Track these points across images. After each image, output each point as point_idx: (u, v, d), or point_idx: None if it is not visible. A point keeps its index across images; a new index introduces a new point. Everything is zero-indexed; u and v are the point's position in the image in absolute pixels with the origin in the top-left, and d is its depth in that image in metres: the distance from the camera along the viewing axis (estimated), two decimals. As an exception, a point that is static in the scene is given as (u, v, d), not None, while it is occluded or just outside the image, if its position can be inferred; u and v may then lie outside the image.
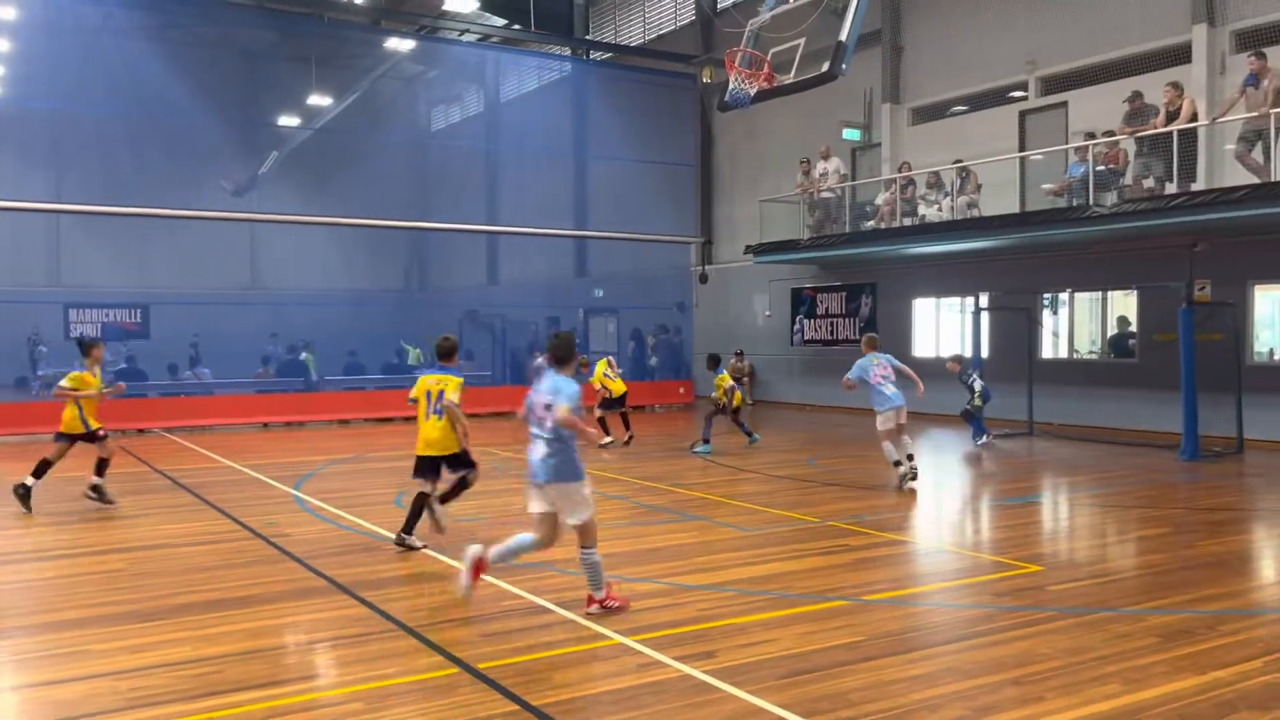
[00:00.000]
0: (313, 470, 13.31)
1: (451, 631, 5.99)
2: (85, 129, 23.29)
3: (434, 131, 32.17)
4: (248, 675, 5.32)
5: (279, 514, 10.09)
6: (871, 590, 7.04)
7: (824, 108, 21.59)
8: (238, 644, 5.85)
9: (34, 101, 22.37)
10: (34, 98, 22.38)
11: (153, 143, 23.48)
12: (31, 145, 24.10)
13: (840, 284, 22.95)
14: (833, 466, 13.66)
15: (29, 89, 22.64)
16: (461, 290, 30.73)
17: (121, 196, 21.47)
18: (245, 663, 5.55)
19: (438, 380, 8.36)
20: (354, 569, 7.63)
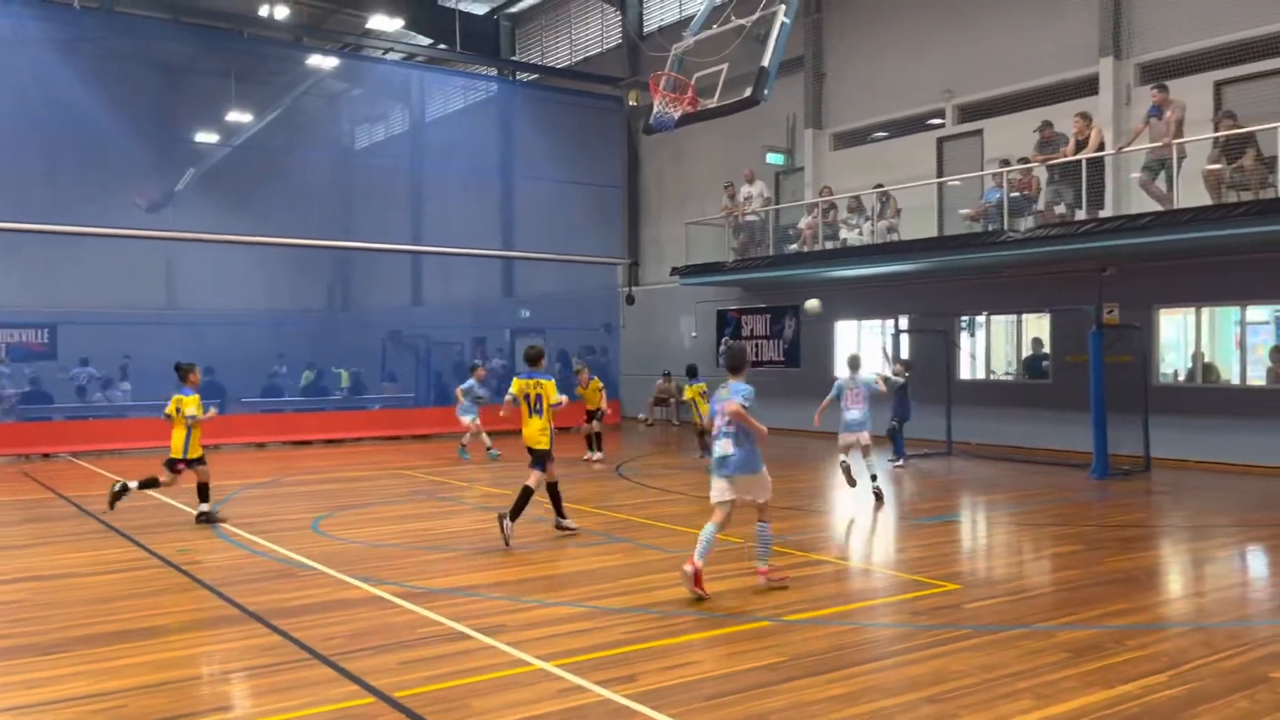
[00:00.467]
0: (228, 495, 12.96)
1: (368, 659, 5.86)
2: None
3: (358, 150, 31.73)
4: (152, 709, 5.12)
5: (191, 540, 9.79)
6: (793, 610, 7.07)
7: (748, 132, 21.88)
8: (143, 676, 5.63)
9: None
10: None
11: (63, 158, 22.74)
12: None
13: (765, 306, 23.20)
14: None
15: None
16: (385, 311, 30.28)
17: (29, 213, 20.72)
18: (150, 696, 5.34)
19: (534, 384, 9.59)
20: (268, 596, 7.43)
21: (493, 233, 27.07)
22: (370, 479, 14.87)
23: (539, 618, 6.82)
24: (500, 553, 9.18)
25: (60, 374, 21.22)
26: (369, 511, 11.76)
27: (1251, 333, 15.82)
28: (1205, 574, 8.77)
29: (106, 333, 22.11)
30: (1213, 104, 15.43)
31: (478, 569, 8.44)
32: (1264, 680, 5.43)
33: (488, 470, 16.02)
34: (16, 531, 10.71)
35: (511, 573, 8.29)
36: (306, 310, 29.45)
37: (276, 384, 22.58)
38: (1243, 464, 14.91)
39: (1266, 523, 10.86)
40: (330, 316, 31.35)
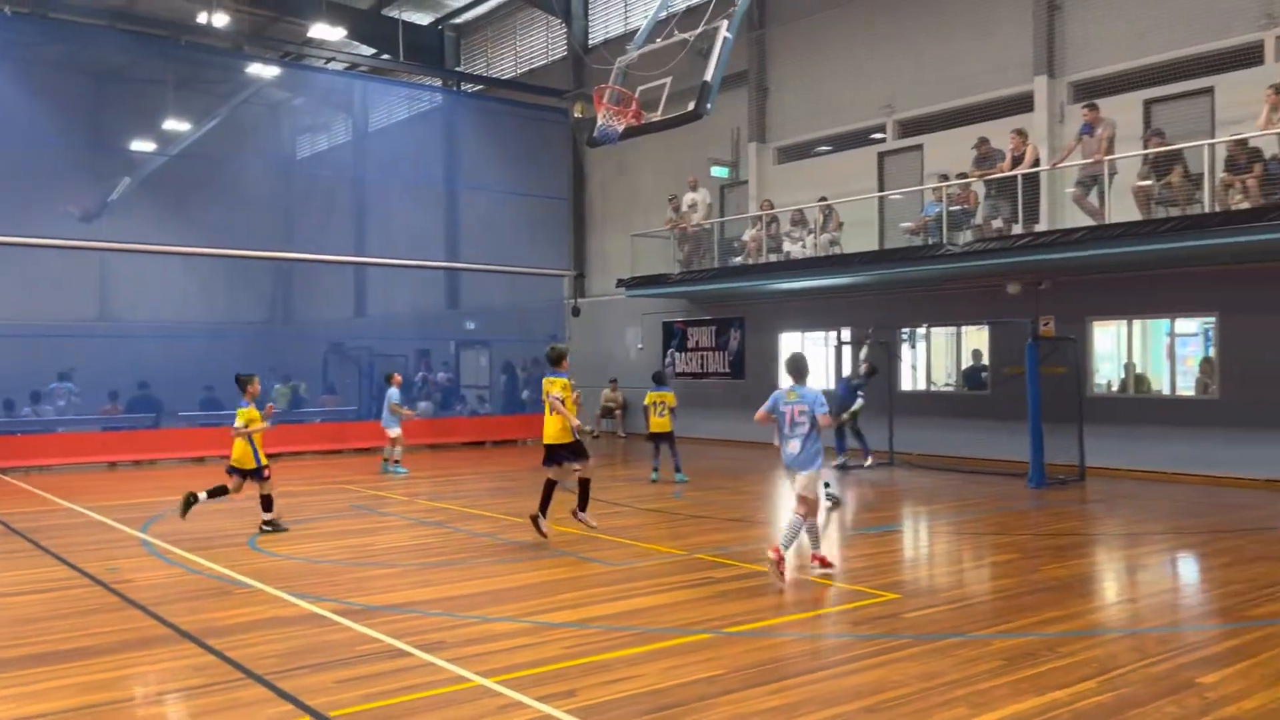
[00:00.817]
0: (162, 511, 12.68)
1: (304, 678, 5.76)
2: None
3: (299, 160, 31.39)
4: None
5: (123, 558, 9.56)
6: (734, 622, 7.09)
7: (693, 145, 22.02)
8: (70, 699, 5.48)
9: None
10: None
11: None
12: None
13: (710, 318, 23.32)
14: (701, 499, 13.79)
15: None
16: (327, 323, 29.91)
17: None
18: (77, 719, 5.21)
19: (549, 382, 10.43)
20: (201, 615, 7.27)
21: (437, 244, 26.87)
22: (310, 494, 14.65)
23: (479, 634, 6.76)
24: (440, 569, 9.10)
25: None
26: (308, 527, 11.58)
27: (1181, 344, 16.26)
28: (1137, 581, 8.97)
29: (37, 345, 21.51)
30: (1142, 122, 15.87)
31: (418, 585, 8.35)
32: (1190, 686, 5.57)
33: (431, 483, 15.86)
34: (-61, 551, 10.36)
35: (452, 588, 8.21)
36: (246, 322, 28.96)
37: (215, 397, 22.14)
38: (1174, 472, 15.30)
39: (1196, 530, 11.14)
40: (270, 329, 30.86)
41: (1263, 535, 10.66)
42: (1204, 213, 13.73)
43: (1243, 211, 13.19)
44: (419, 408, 24.32)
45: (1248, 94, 14.21)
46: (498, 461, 19.30)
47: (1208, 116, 15.20)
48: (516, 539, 10.57)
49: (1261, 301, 14.62)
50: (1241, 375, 14.86)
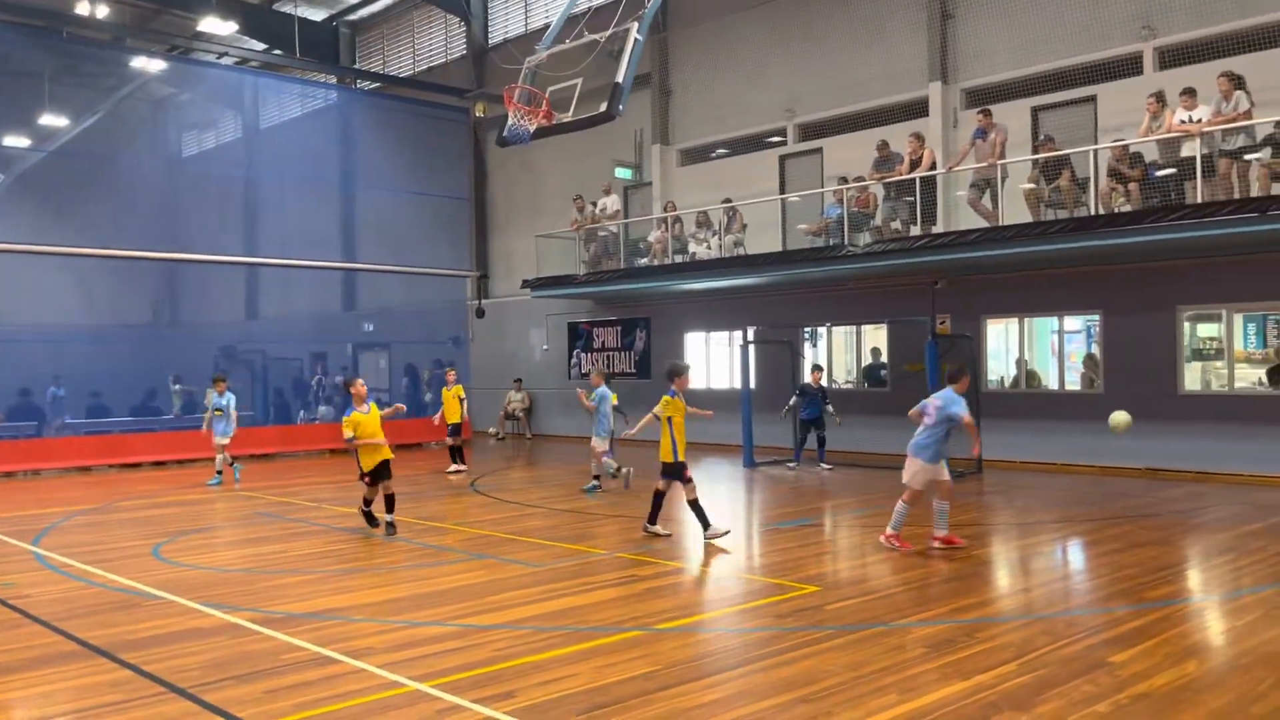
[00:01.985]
0: (52, 523, 12.12)
1: (230, 690, 5.59)
2: None
3: (187, 157, 30.25)
4: (-8, 757, 4.76)
5: (16, 573, 9.10)
6: (663, 619, 7.16)
7: (598, 146, 22.06)
8: (-23, 723, 5.22)
9: None
10: None
11: None
12: None
13: (616, 318, 23.40)
14: (613, 499, 13.83)
15: None
16: (218, 325, 28.91)
17: None
18: (-12, 743, 4.96)
19: (663, 402, 10.49)
20: (111, 629, 6.99)
21: (334, 244, 26.30)
22: (209, 501, 14.19)
23: (407, 638, 6.67)
24: (359, 574, 8.94)
25: None
26: (213, 535, 11.23)
27: (1067, 340, 17.02)
28: (1039, 568, 9.37)
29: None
30: (1030, 128, 16.56)
31: (337, 591, 8.18)
32: (1103, 665, 5.86)
33: (336, 488, 15.52)
34: None
35: (373, 594, 8.07)
36: (130, 325, 27.80)
37: (102, 404, 21.24)
38: (1064, 463, 16.01)
39: (1088, 518, 11.69)
40: (157, 331, 29.67)
41: (1148, 521, 11.26)
42: (1090, 215, 14.41)
43: (1125, 214, 13.89)
44: (319, 412, 23.78)
45: (1129, 102, 14.97)
46: (403, 465, 18.95)
47: (1091, 123, 15.96)
48: (432, 543, 10.45)
49: (1140, 300, 15.42)
50: (1123, 370, 15.64)
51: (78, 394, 20.71)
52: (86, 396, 20.95)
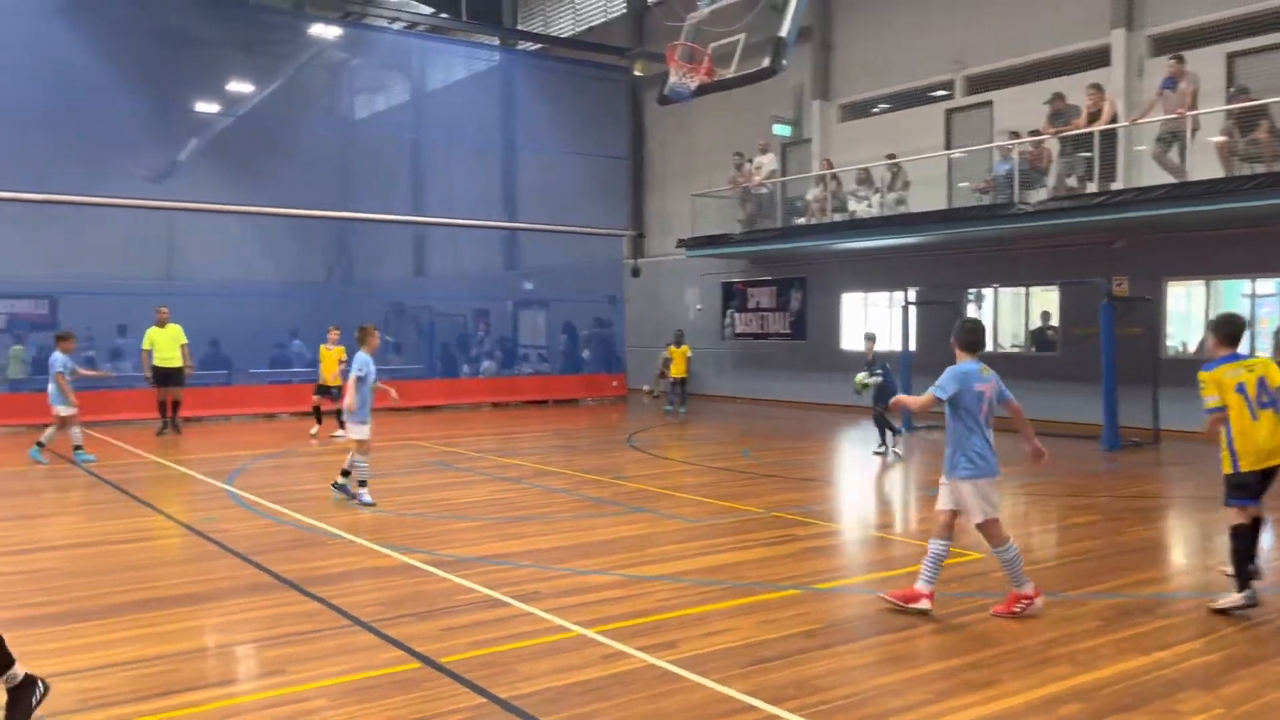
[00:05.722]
0: (243, 465, 13.00)
1: (410, 626, 5.91)
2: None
3: (359, 120, 31.52)
4: (203, 674, 5.20)
5: (213, 509, 9.84)
6: (822, 578, 7.15)
7: (755, 103, 21.78)
8: (189, 642, 5.71)
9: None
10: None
11: (66, 128, 22.55)
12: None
13: (771, 278, 23.21)
14: (769, 458, 13.81)
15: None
16: (387, 282, 30.20)
17: (31, 182, 20.60)
18: (199, 661, 5.42)
19: (1248, 367, 6.28)
20: (300, 564, 7.48)
21: (496, 204, 26.99)
22: (381, 450, 14.91)
23: (572, 585, 6.88)
24: (524, 523, 9.25)
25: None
26: (386, 481, 11.79)
27: (1258, 305, 15.88)
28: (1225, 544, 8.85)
29: (107, 303, 21.98)
30: (1225, 76, 15.41)
31: (504, 538, 8.49)
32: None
33: (499, 440, 16.05)
34: (37, 500, 10.74)
35: (538, 542, 8.34)
36: (308, 282, 29.36)
37: (285, 355, 22.57)
38: (1250, 436, 15.01)
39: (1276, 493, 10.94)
40: (332, 288, 31.24)
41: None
42: (1290, 170, 13.35)
43: (1332, 168, 12.81)
44: (483, 366, 24.59)
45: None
46: (560, 420, 19.47)
47: (1294, 70, 14.73)
48: (593, 495, 10.70)
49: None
50: (1324, 337, 14.50)
51: (262, 346, 22.02)
52: (271, 348, 22.26)
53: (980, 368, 6.36)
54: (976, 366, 6.34)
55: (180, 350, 16.91)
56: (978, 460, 6.23)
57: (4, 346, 21.21)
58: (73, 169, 21.50)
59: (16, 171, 21.16)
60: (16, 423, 17.39)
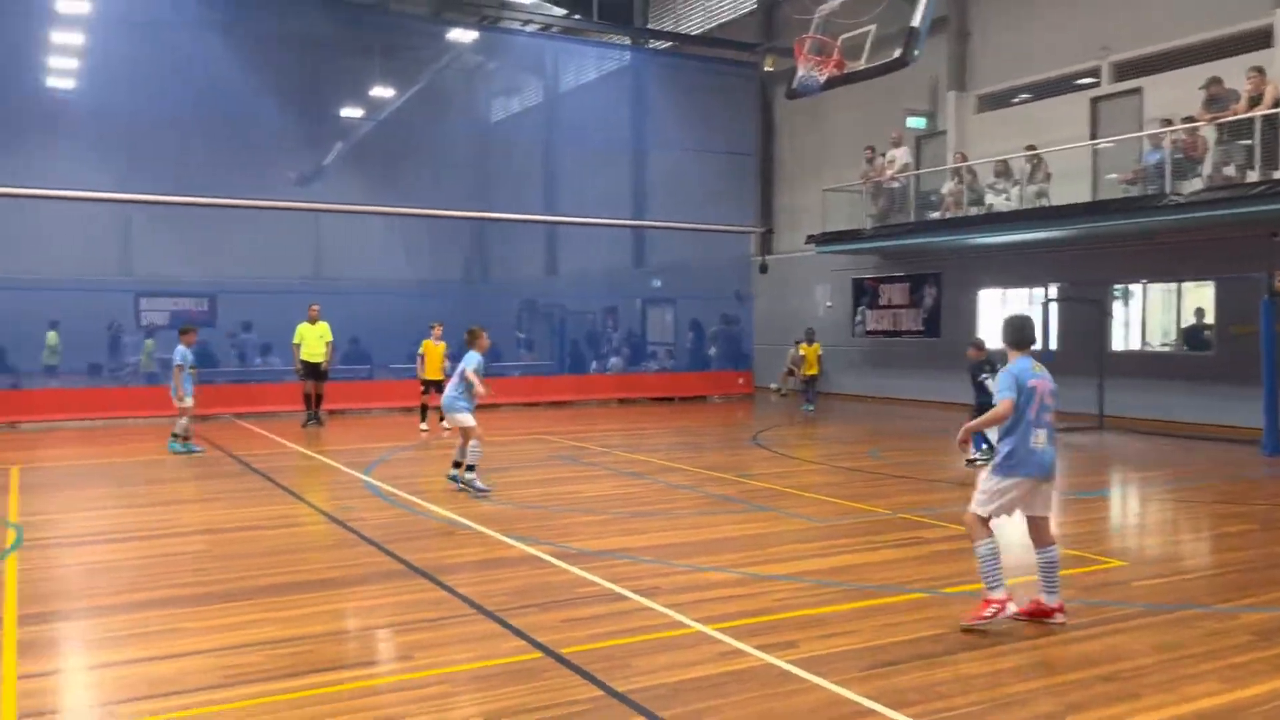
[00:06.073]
0: (379, 457, 13.48)
1: (531, 616, 6.02)
2: (156, 121, 23.73)
3: (494, 122, 32.32)
4: (338, 655, 5.42)
5: (351, 499, 10.23)
6: (949, 583, 6.94)
7: (888, 95, 21.30)
8: (325, 624, 5.96)
9: (108, 95, 22.87)
10: (108, 92, 22.89)
11: (221, 134, 23.89)
12: (104, 138, 24.60)
13: (904, 274, 22.68)
14: (899, 459, 13.51)
15: (103, 83, 23.19)
16: (521, 281, 30.88)
17: (190, 187, 21.89)
18: (333, 643, 5.65)
19: None
20: (431, 554, 7.71)
21: (624, 202, 27.24)
22: (512, 444, 15.24)
23: (692, 582, 6.88)
24: (646, 518, 9.30)
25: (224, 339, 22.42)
26: (513, 474, 12.05)
27: None
28: (1396, 558, 8.21)
29: (259, 301, 23.13)
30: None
31: (627, 533, 8.56)
32: None
33: (625, 436, 16.18)
34: (191, 487, 11.40)
35: (660, 538, 8.37)
36: (446, 280, 30.25)
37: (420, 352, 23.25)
38: None
39: None
40: (468, 286, 32.10)
41: None
42: None
43: None
44: (610, 363, 24.84)
45: None
46: (686, 417, 19.49)
47: None
48: (716, 492, 10.67)
49: None
50: None
51: (401, 342, 22.77)
52: (409, 344, 22.98)
53: (1032, 364, 6.06)
54: (1029, 363, 6.05)
55: (325, 346, 17.63)
56: (1015, 457, 5.92)
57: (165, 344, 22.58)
58: (228, 175, 22.76)
59: (178, 178, 22.53)
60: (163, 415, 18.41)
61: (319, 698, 4.78)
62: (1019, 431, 5.90)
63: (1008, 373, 5.98)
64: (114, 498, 10.59)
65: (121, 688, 4.99)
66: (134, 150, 24.35)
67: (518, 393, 22.12)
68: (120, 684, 5.05)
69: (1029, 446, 5.89)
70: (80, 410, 17.96)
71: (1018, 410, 5.90)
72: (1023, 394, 5.92)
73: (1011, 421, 5.89)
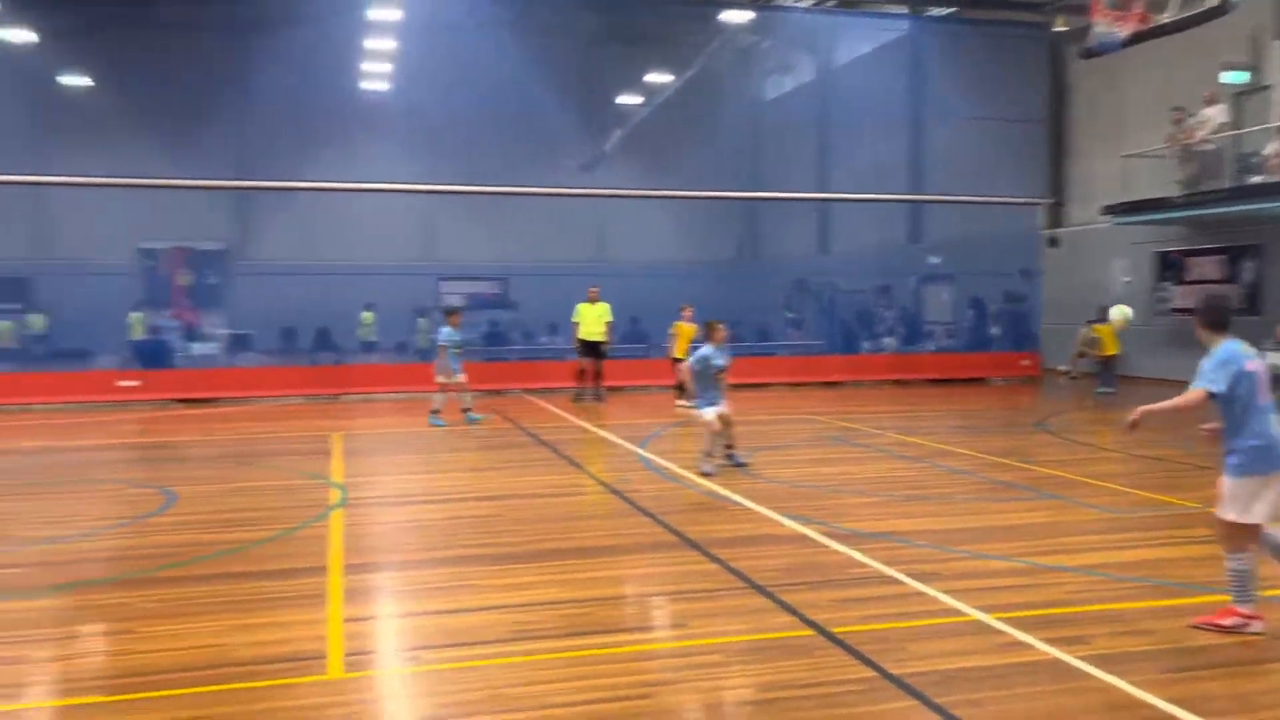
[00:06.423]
0: (654, 432, 13.90)
1: (803, 594, 6.03)
2: (454, 118, 25.62)
3: (767, 102, 32.28)
4: (616, 619, 5.70)
5: (628, 471, 10.63)
6: (1268, 585, 6.26)
7: (1199, 48, 19.26)
8: (603, 589, 6.27)
9: (414, 95, 24.94)
10: (414, 92, 24.96)
11: (511, 127, 25.48)
12: (412, 135, 26.81)
13: (1217, 246, 20.55)
14: (1211, 448, 12.27)
15: (410, 85, 25.32)
16: (792, 259, 30.73)
17: (485, 177, 23.47)
18: (611, 607, 5.94)
19: None
20: (702, 527, 7.88)
21: (900, 176, 26.40)
22: (780, 423, 15.24)
23: (971, 569, 6.63)
24: (922, 502, 9.04)
25: (515, 320, 23.92)
26: (783, 453, 12.06)
27: None
28: None
29: (546, 283, 24.39)
30: None
31: (901, 516, 8.36)
32: None
33: (899, 418, 15.75)
34: (483, 456, 12.27)
35: (936, 522, 8.10)
36: (719, 260, 30.65)
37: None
38: None
39: None
40: (740, 267, 32.36)
41: None
42: None
43: None
44: (884, 343, 24.27)
45: None
46: (965, 399, 18.67)
47: None
48: (997, 478, 10.18)
49: None
50: None
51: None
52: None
53: (1241, 345, 5.42)
54: (1237, 345, 5.41)
55: (604, 326, 18.35)
56: (1254, 452, 5.27)
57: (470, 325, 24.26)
58: (518, 165, 24.22)
59: (474, 169, 24.23)
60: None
61: (599, 658, 5.04)
62: (1254, 421, 5.28)
63: (1218, 359, 5.37)
64: (420, 464, 11.62)
65: (426, 635, 5.49)
66: (436, 145, 26.43)
67: (786, 373, 22.08)
68: (424, 632, 5.55)
69: (1271, 434, 5.26)
70: (391, 384, 19.74)
71: (1239, 400, 5.29)
72: (1241, 381, 5.30)
73: (1235, 415, 5.32)
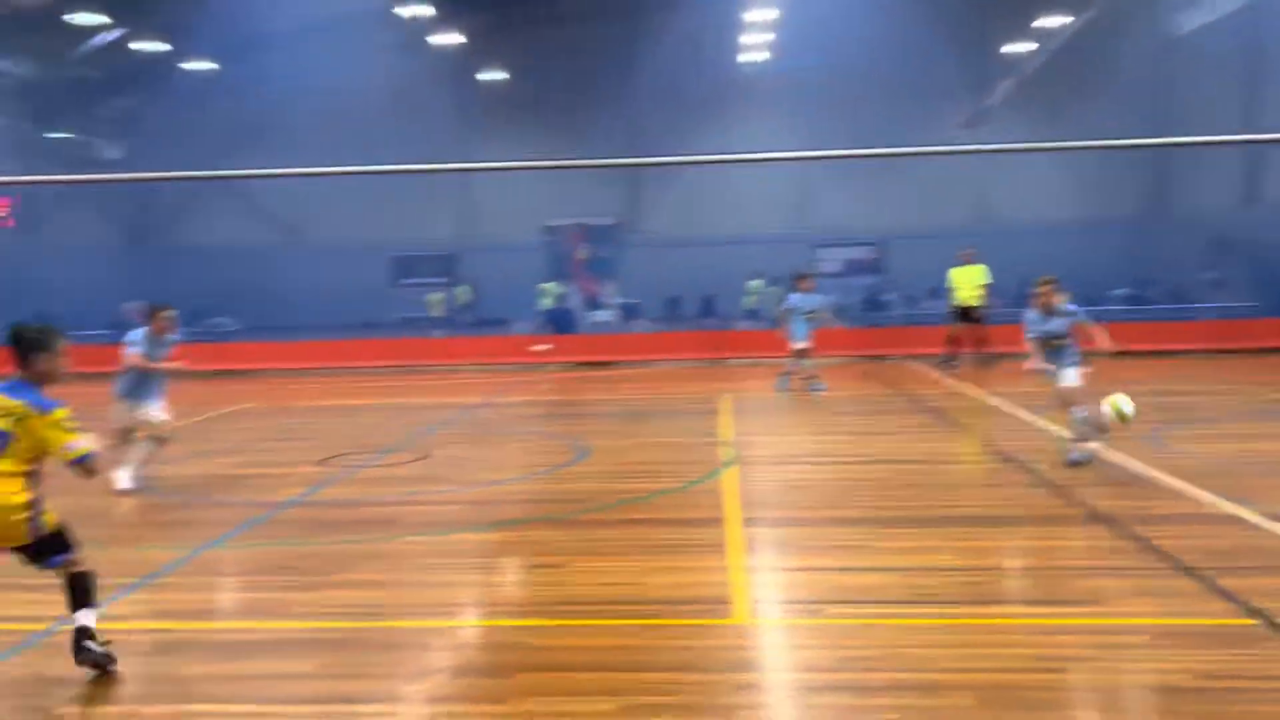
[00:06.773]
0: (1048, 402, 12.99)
1: (1241, 579, 5.38)
2: (833, 81, 25.42)
3: (1179, 36, 28.75)
4: (1017, 589, 5.49)
5: (1023, 440, 10.02)
6: None
7: None
8: (1003, 559, 6.04)
9: (794, 61, 25.07)
10: (793, 58, 25.08)
11: (891, 86, 24.85)
12: (790, 102, 26.95)
13: None
14: None
15: (789, 51, 25.47)
16: (1210, 212, 27.25)
17: (863, 140, 23.05)
18: (1013, 578, 5.69)
19: None
20: (1110, 501, 7.25)
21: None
22: (1203, 393, 13.67)
23: None
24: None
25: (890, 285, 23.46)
26: (1204, 428, 10.82)
27: None
28: None
29: (924, 246, 23.51)
30: None
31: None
32: None
33: None
34: (867, 420, 12.17)
35: None
36: (1118, 215, 27.97)
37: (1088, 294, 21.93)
38: None
39: None
40: (1144, 223, 29.26)
41: None
42: None
43: None
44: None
45: None
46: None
47: None
48: None
49: None
50: None
51: (1071, 283, 21.65)
52: (1082, 285, 21.74)
53: None
54: None
55: (980, 290, 17.28)
56: None
57: (842, 291, 24.10)
58: (897, 125, 23.56)
59: (852, 133, 23.76)
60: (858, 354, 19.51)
61: (1002, 628, 4.86)
62: None
63: None
64: (804, 426, 11.80)
65: (825, 590, 5.56)
66: (813, 112, 26.41)
67: (1205, 338, 19.71)
68: (823, 587, 5.62)
69: None
70: (773, 350, 20.10)
71: None
72: None
73: None
